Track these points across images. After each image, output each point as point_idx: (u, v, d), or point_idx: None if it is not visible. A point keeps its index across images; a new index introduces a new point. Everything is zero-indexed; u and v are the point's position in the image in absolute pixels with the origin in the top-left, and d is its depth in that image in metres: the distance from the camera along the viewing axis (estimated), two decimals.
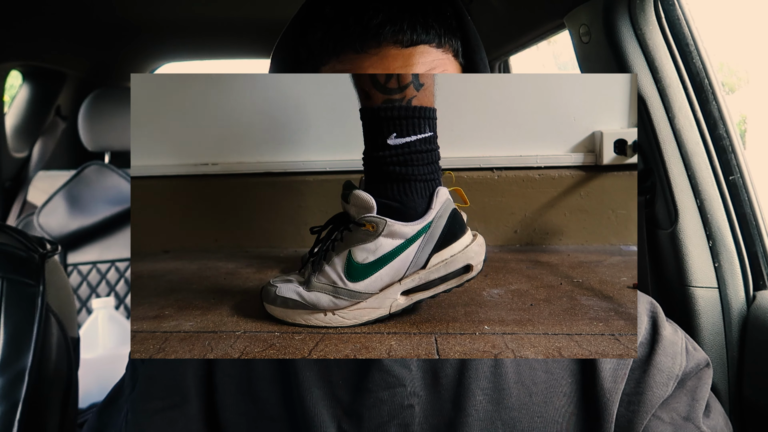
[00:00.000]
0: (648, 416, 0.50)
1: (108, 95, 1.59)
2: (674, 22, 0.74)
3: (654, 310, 0.56)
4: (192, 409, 0.52)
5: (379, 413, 0.49)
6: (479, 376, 0.50)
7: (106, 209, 1.41)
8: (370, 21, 0.50)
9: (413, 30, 0.51)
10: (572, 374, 0.52)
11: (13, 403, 0.68)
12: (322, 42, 0.52)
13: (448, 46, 0.54)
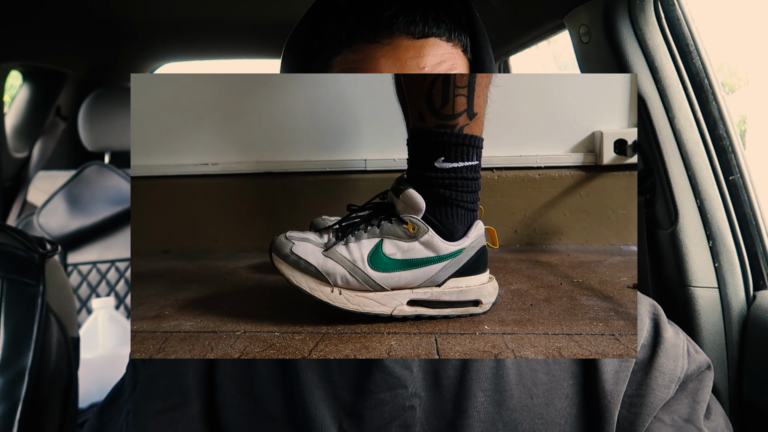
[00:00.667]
0: (650, 418, 0.50)
1: (108, 95, 1.59)
2: (674, 22, 0.74)
3: (656, 312, 0.56)
4: (193, 409, 0.52)
5: (380, 414, 0.49)
6: (480, 378, 0.50)
7: (106, 209, 1.41)
8: (383, 12, 0.52)
9: (425, 22, 0.53)
10: (573, 376, 0.52)
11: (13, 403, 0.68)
12: (335, 32, 0.54)
13: (458, 41, 0.56)
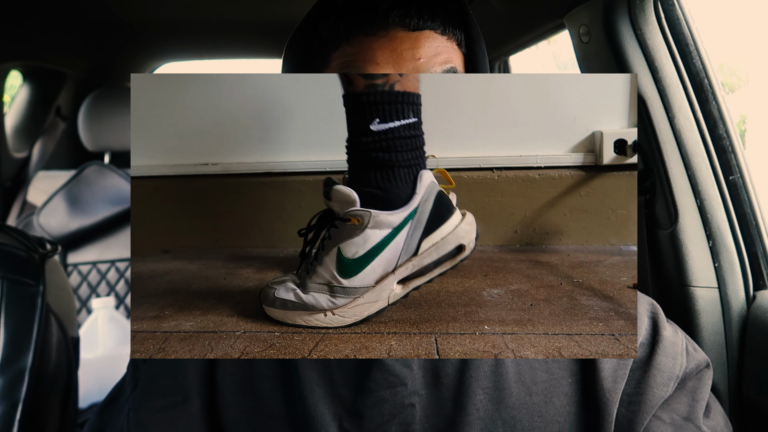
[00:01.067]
0: (648, 416, 0.50)
1: (108, 95, 1.59)
2: (674, 22, 0.74)
3: (654, 311, 0.56)
4: (193, 407, 0.52)
5: (380, 412, 0.49)
6: (480, 376, 0.50)
7: (106, 209, 1.41)
8: (379, 5, 0.54)
9: (420, 15, 0.54)
10: (572, 374, 0.52)
11: (13, 403, 0.68)
12: (333, 27, 0.55)
13: (452, 35, 0.57)
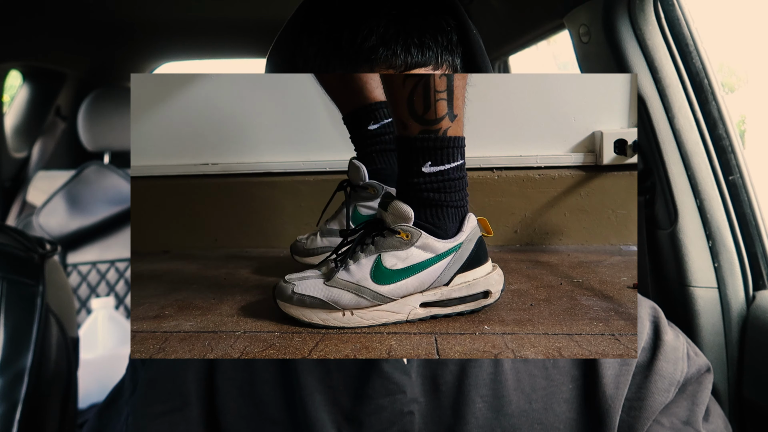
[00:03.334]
0: (649, 422, 0.50)
1: (108, 95, 1.59)
2: (674, 22, 0.74)
3: (656, 315, 0.56)
4: (193, 412, 0.52)
5: (379, 419, 0.49)
6: (478, 383, 0.50)
7: (106, 209, 1.41)
8: (363, 43, 0.48)
9: (407, 53, 0.49)
10: (573, 380, 0.51)
11: (13, 403, 0.68)
12: (315, 59, 0.50)
13: (446, 65, 0.52)
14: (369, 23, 0.48)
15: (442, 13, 0.52)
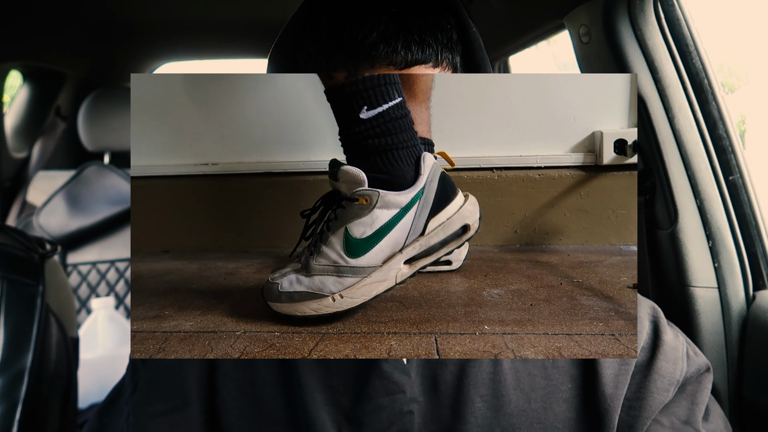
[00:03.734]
0: (648, 421, 0.50)
1: (108, 95, 1.59)
2: (674, 22, 0.74)
3: (655, 315, 0.56)
4: (193, 412, 0.52)
5: (379, 419, 0.49)
6: (478, 383, 0.50)
7: (106, 209, 1.41)
8: (363, 40, 0.49)
9: (408, 50, 0.50)
10: (572, 379, 0.51)
11: (13, 403, 0.68)
12: (316, 57, 0.51)
13: (446, 63, 0.53)
14: (370, 21, 0.49)
15: (443, 12, 0.53)
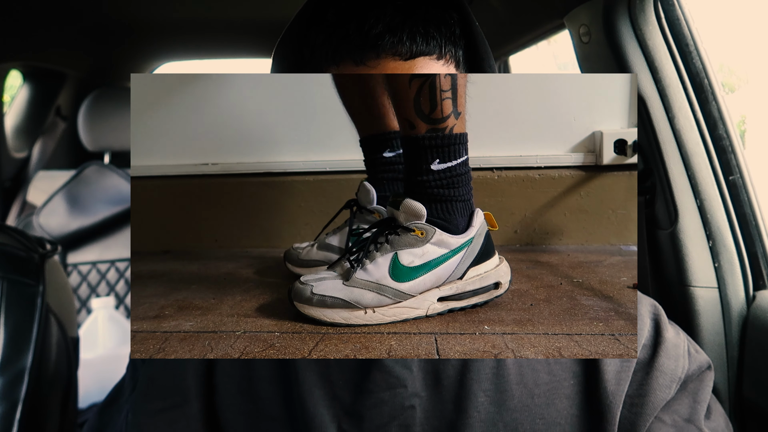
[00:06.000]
0: (650, 418, 0.50)
1: (108, 95, 1.59)
2: (674, 22, 0.74)
3: (656, 313, 0.56)
4: (192, 409, 0.52)
5: (379, 414, 0.49)
6: (481, 378, 0.50)
7: (106, 209, 1.41)
8: (369, 30, 0.50)
9: (413, 41, 0.51)
10: (575, 376, 0.52)
11: (13, 403, 0.68)
12: (322, 48, 0.52)
13: (449, 56, 0.54)
14: (376, 12, 0.50)
15: (446, 7, 0.54)
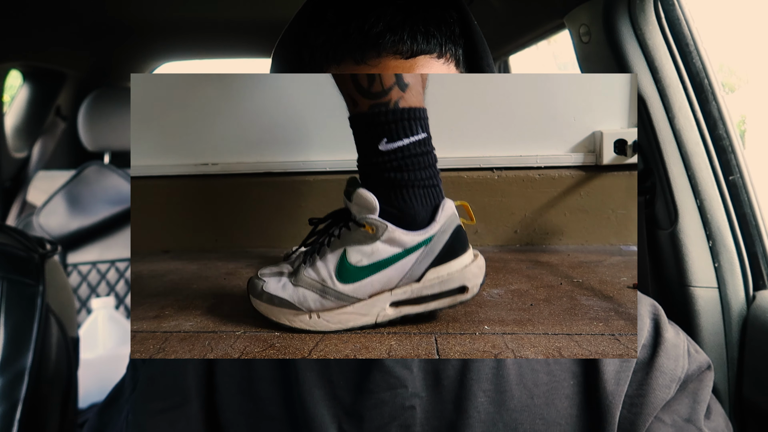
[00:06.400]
0: (650, 418, 0.50)
1: (108, 95, 1.59)
2: (674, 22, 0.74)
3: (656, 312, 0.56)
4: (192, 409, 0.52)
5: (380, 414, 0.49)
6: (481, 378, 0.50)
7: (106, 209, 1.41)
8: (370, 29, 0.50)
9: (413, 39, 0.51)
10: (574, 376, 0.52)
11: (13, 403, 0.68)
12: (323, 48, 0.52)
13: (449, 55, 0.53)
14: (376, 11, 0.50)
15: (446, 7, 0.54)
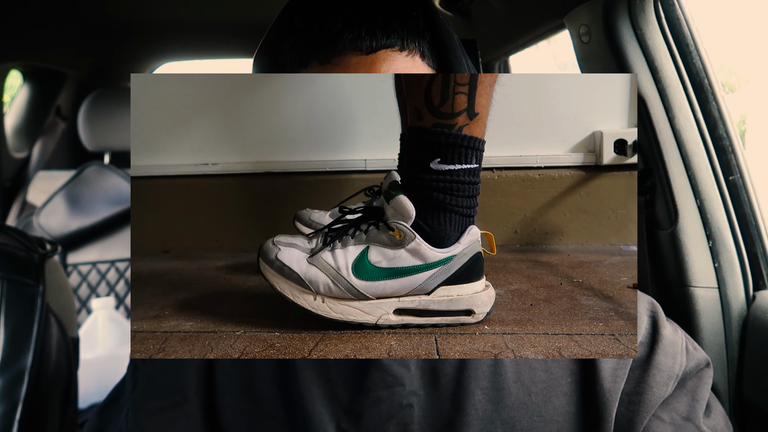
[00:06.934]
0: (648, 416, 0.50)
1: (108, 95, 1.59)
2: (674, 22, 0.74)
3: (654, 310, 0.56)
4: (192, 407, 0.52)
5: (378, 412, 0.49)
6: (478, 376, 0.50)
7: (106, 209, 1.41)
8: (330, 29, 0.51)
9: (372, 35, 0.52)
10: (572, 374, 0.52)
11: (13, 403, 0.68)
12: (291, 53, 0.53)
13: (413, 47, 0.54)
14: (336, 11, 0.52)
15: (409, 1, 0.55)
